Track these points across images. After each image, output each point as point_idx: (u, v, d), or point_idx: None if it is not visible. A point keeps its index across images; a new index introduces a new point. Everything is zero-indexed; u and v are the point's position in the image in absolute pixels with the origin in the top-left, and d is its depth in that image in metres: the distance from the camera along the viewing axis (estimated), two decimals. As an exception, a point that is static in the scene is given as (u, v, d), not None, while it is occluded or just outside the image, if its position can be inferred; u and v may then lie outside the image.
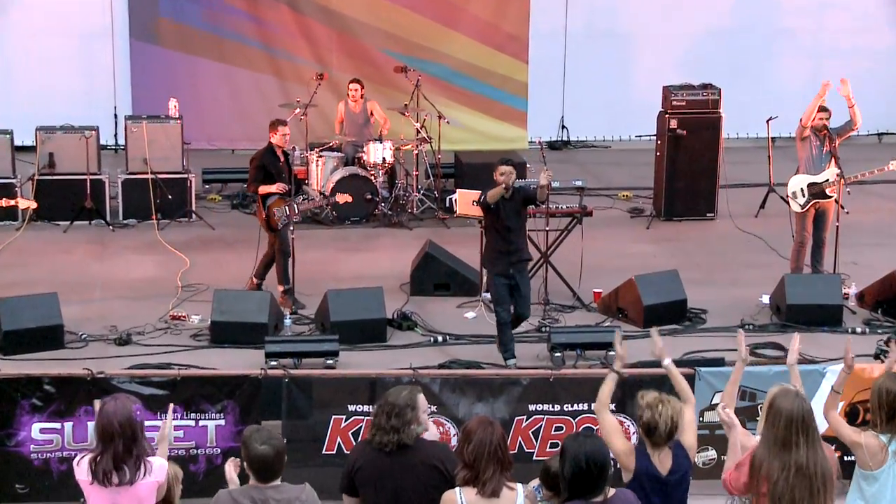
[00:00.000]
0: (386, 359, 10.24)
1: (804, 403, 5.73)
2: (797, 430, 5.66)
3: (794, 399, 5.72)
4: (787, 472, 5.65)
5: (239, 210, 14.42)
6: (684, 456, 5.99)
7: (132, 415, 5.77)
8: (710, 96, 13.99)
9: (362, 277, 11.97)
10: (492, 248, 9.98)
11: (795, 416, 5.67)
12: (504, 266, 9.85)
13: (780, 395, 5.78)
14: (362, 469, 6.02)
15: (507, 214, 9.81)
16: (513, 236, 9.83)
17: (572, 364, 10.10)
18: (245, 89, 16.40)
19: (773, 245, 12.99)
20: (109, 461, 5.74)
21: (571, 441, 5.67)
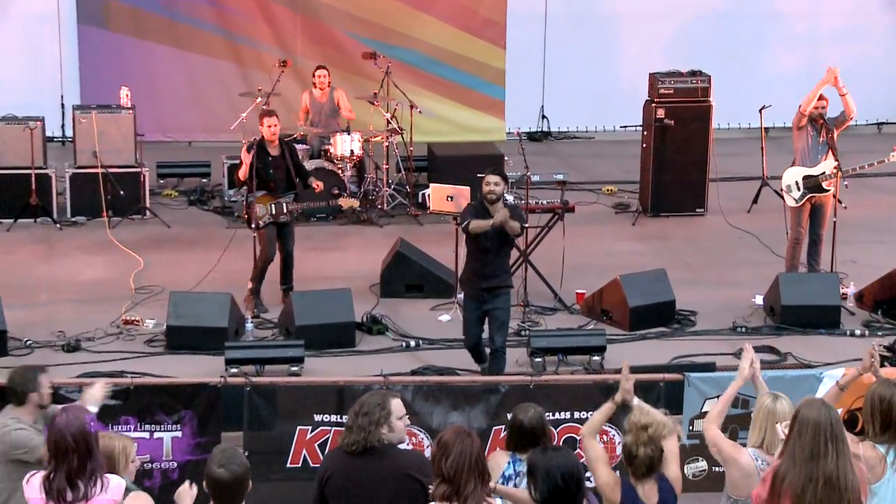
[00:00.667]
0: (355, 365, 10.23)
1: (832, 412, 5.72)
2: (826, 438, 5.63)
3: (820, 407, 5.72)
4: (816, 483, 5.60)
5: (197, 206, 14.38)
6: (669, 490, 6.01)
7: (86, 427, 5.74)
8: (699, 84, 14.05)
9: (329, 278, 11.96)
10: (468, 267, 9.85)
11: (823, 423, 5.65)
12: (475, 290, 9.65)
13: (806, 405, 5.78)
14: (332, 477, 6.04)
15: (488, 233, 9.56)
16: (489, 258, 9.60)
17: (553, 370, 10.12)
18: (202, 77, 16.35)
19: (767, 242, 13.06)
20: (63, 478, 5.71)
21: (539, 457, 5.68)
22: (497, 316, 9.71)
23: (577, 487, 5.57)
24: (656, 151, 14.02)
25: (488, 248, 9.57)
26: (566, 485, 5.54)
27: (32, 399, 6.86)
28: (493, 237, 9.56)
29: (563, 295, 11.56)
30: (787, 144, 12.61)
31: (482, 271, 9.60)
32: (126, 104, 14.10)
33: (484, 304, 9.65)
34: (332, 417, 8.59)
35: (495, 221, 9.44)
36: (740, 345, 10.54)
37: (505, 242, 9.65)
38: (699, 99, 14.05)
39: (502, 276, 9.74)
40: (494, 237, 9.57)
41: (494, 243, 9.58)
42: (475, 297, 9.67)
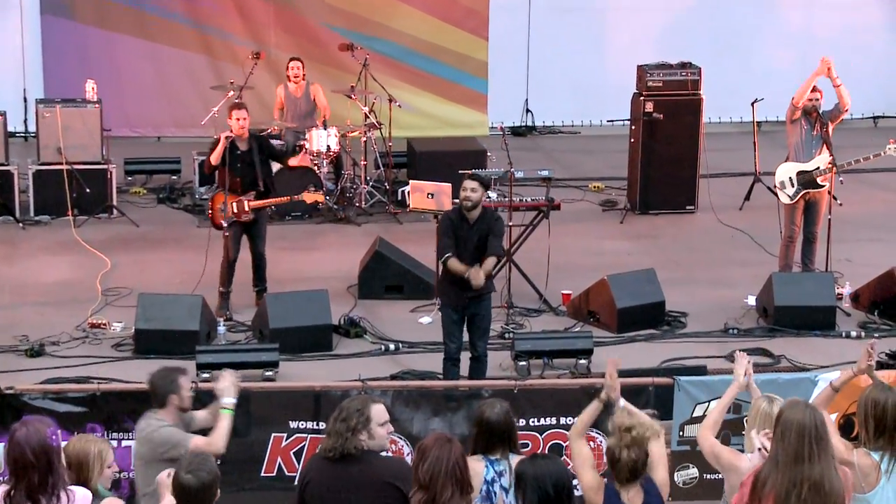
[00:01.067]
0: (332, 370, 10.22)
1: (816, 414, 5.73)
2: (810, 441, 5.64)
3: (804, 410, 5.73)
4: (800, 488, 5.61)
5: (166, 205, 14.35)
6: (656, 494, 6.02)
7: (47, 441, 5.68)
8: (689, 76, 14.08)
9: (305, 279, 11.94)
10: (442, 274, 9.79)
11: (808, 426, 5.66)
12: (456, 298, 9.60)
13: (790, 406, 5.79)
14: (311, 483, 6.04)
15: (465, 242, 9.52)
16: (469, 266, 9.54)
17: (539, 374, 10.13)
18: (172, 70, 16.31)
19: (760, 241, 13.10)
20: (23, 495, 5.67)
21: (528, 466, 5.68)
22: (479, 322, 9.68)
23: (568, 496, 5.58)
24: (645, 146, 14.05)
25: (465, 259, 9.52)
26: (557, 494, 5.55)
27: (173, 401, 6.92)
28: (472, 250, 9.51)
29: (548, 296, 11.57)
30: (781, 139, 12.66)
31: (459, 280, 9.53)
32: (92, 98, 14.06)
33: (464, 309, 9.61)
34: (308, 424, 8.57)
35: (473, 281, 9.39)
36: (732, 347, 10.59)
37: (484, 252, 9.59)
38: (689, 92, 14.08)
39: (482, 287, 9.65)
40: (474, 250, 9.52)
41: (474, 255, 9.53)
42: (453, 306, 9.62)
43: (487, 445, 6.37)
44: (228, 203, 11.05)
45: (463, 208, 9.53)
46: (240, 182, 11.12)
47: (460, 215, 9.57)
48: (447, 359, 9.75)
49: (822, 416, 5.76)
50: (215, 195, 11.29)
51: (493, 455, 6.35)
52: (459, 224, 9.55)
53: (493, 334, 10.77)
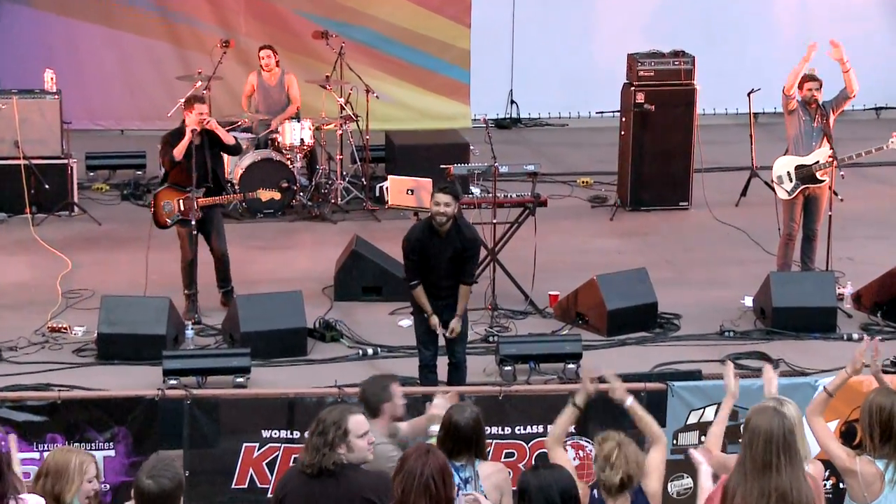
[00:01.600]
0: (306, 375, 10.21)
1: (785, 421, 5.74)
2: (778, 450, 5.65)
3: (772, 416, 5.74)
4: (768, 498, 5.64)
5: (130, 201, 14.32)
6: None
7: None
8: (682, 65, 14.10)
9: (278, 280, 11.93)
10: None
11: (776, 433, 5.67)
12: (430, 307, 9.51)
13: (756, 412, 5.81)
14: (287, 497, 6.03)
15: (436, 258, 9.40)
16: (443, 282, 9.48)
17: (525, 379, 10.14)
18: (136, 59, 16.27)
19: (757, 238, 13.13)
20: None
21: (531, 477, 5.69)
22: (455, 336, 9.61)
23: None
24: (636, 139, 14.07)
25: (439, 271, 9.43)
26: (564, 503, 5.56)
27: (386, 410, 6.91)
28: (444, 266, 9.40)
29: (534, 297, 11.58)
30: (779, 131, 12.68)
31: (437, 294, 9.47)
32: (51, 88, 14.01)
33: (440, 316, 9.54)
34: (281, 433, 8.55)
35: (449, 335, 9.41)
36: (728, 351, 10.61)
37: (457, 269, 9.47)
38: (682, 82, 14.10)
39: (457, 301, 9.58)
40: (446, 267, 9.40)
41: (447, 272, 9.43)
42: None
43: (453, 450, 6.37)
44: (175, 200, 11.02)
45: (435, 224, 9.36)
46: (189, 177, 11.04)
47: (430, 230, 9.40)
48: (423, 366, 9.72)
49: (791, 423, 5.77)
50: (159, 192, 11.24)
51: (458, 461, 6.36)
52: (429, 241, 9.38)
53: (476, 337, 10.79)
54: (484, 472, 6.43)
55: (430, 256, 9.43)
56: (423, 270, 9.46)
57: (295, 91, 14.36)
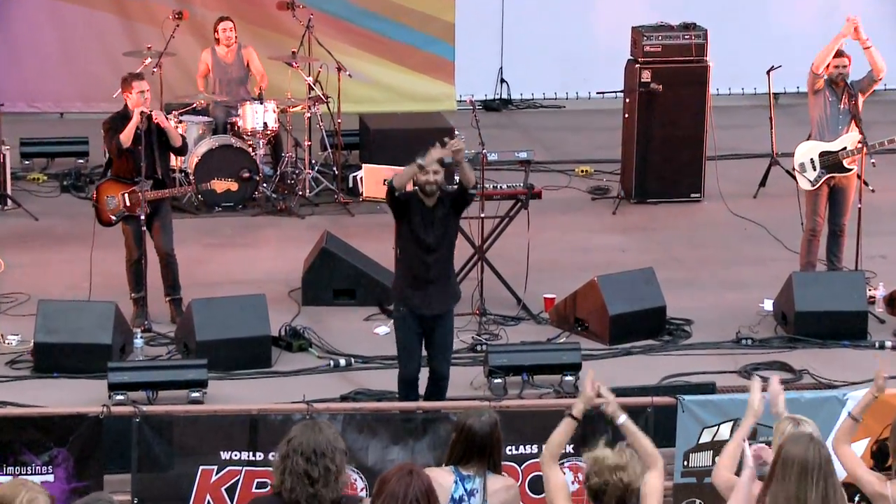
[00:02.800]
0: (271, 390, 10.20)
1: (822, 449, 5.80)
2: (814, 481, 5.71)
3: (808, 444, 5.80)
4: None
5: (71, 193, 14.29)
6: None
7: None
8: (693, 40, 14.11)
9: (238, 282, 11.91)
10: (402, 272, 9.71)
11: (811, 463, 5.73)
12: (417, 301, 9.51)
13: (791, 440, 5.87)
14: None
15: (427, 225, 9.46)
16: (433, 259, 9.50)
17: (516, 393, 10.14)
18: (77, 33, 16.22)
19: (777, 234, 13.15)
20: None
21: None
22: (441, 337, 9.62)
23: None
24: (641, 123, 14.08)
25: (430, 244, 9.46)
26: None
27: None
28: (438, 234, 9.47)
29: (527, 301, 11.58)
30: (802, 114, 12.70)
31: (425, 276, 9.48)
32: (-19, 66, 13.97)
33: (424, 320, 9.53)
34: (242, 455, 8.55)
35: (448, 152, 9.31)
36: (746, 361, 10.64)
37: (451, 236, 9.55)
38: (693, 58, 14.11)
39: (449, 283, 9.65)
40: (437, 228, 9.45)
41: (438, 238, 9.45)
42: (413, 311, 9.52)
43: (463, 456, 6.41)
44: (119, 195, 10.99)
45: (423, 194, 9.44)
46: (136, 168, 10.98)
47: (417, 199, 9.46)
48: (405, 381, 9.68)
49: (828, 452, 5.84)
50: (101, 184, 11.21)
51: (467, 470, 6.37)
52: (418, 205, 9.44)
53: (462, 346, 10.80)
54: (492, 487, 6.48)
55: (414, 227, 9.43)
56: (409, 236, 9.46)
57: (256, 64, 14.33)
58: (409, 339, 9.60)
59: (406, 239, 9.56)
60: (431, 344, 9.65)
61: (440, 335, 9.62)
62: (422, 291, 9.51)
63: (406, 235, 9.55)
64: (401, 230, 9.63)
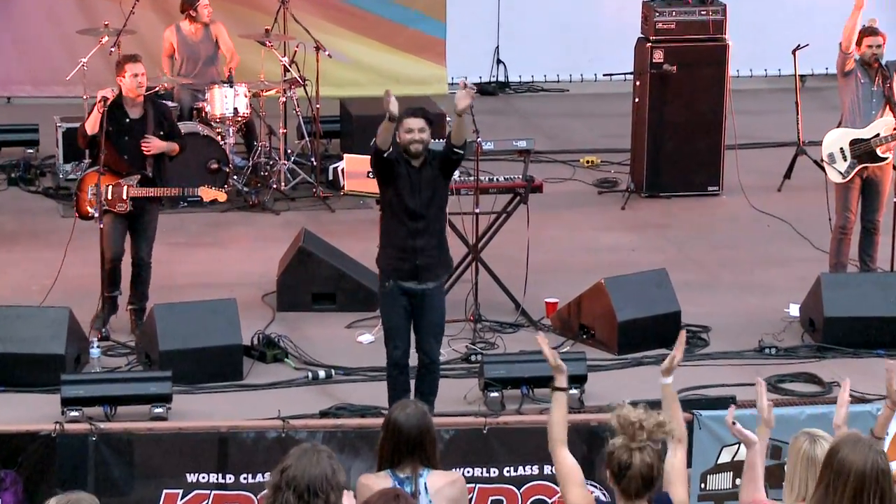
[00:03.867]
0: (242, 404, 10.21)
1: (880, 458, 5.70)
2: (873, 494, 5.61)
3: (867, 451, 5.70)
4: None
5: (20, 187, 14.27)
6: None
7: None
8: (710, 16, 14.12)
9: (206, 285, 11.91)
10: (387, 240, 9.75)
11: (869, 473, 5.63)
12: (403, 272, 9.60)
13: (847, 443, 5.75)
14: None
15: (414, 188, 9.56)
16: (421, 226, 9.58)
17: (515, 408, 10.15)
18: (26, 10, 16.19)
19: (804, 231, 13.17)
20: None
21: None
22: (430, 313, 9.66)
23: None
24: (653, 108, 14.09)
25: (416, 210, 9.49)
26: None
27: None
28: (422, 192, 9.49)
29: (527, 306, 11.59)
30: (832, 98, 12.72)
31: (412, 245, 9.53)
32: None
33: (412, 295, 9.57)
34: (210, 477, 8.56)
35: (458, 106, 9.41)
36: (770, 372, 10.65)
37: (440, 200, 9.60)
38: (711, 36, 14.12)
39: (439, 252, 9.68)
40: (424, 192, 9.49)
41: (425, 203, 9.50)
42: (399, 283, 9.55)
43: (394, 457, 6.44)
44: (103, 186, 10.98)
45: (408, 154, 9.51)
46: (123, 160, 11.00)
47: (404, 160, 9.53)
48: (396, 364, 9.73)
49: (887, 462, 5.74)
50: (87, 174, 11.22)
51: (402, 472, 6.39)
52: (404, 165, 9.49)
53: (455, 356, 10.80)
54: (434, 485, 6.49)
55: (400, 190, 9.47)
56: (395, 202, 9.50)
57: (226, 41, 14.29)
58: (396, 316, 9.66)
59: (391, 205, 9.63)
60: (420, 323, 9.70)
61: (429, 312, 9.67)
62: (409, 262, 9.58)
63: (391, 201, 9.61)
64: (385, 196, 9.68)
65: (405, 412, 6.49)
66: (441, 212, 9.76)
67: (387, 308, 9.73)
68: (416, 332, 9.73)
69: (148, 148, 10.99)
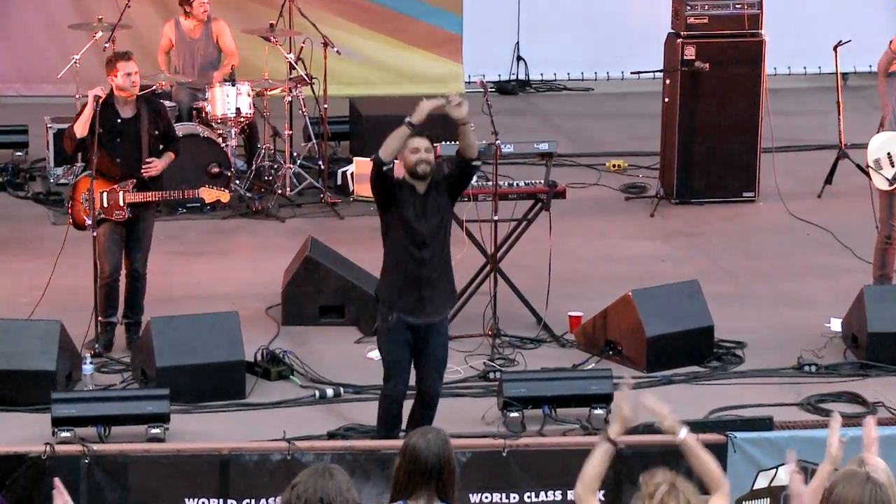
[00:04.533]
0: (245, 424, 10.21)
1: (880, 492, 5.80)
2: None
3: (863, 485, 5.80)
4: None
5: (8, 192, 14.30)
6: None
7: None
8: (746, 10, 14.11)
9: (207, 297, 11.92)
10: (391, 270, 9.70)
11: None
12: (407, 303, 9.54)
13: (843, 480, 5.87)
14: None
15: (419, 214, 9.49)
16: (427, 255, 9.52)
17: (537, 430, 10.15)
18: (16, 1, 16.24)
19: (846, 241, 13.15)
20: None
21: None
22: (430, 349, 9.64)
23: None
24: (684, 109, 14.08)
25: (424, 236, 9.46)
26: None
27: None
28: (433, 226, 9.48)
29: (549, 320, 11.59)
30: (876, 97, 12.69)
31: (417, 274, 9.50)
32: None
33: (415, 329, 9.56)
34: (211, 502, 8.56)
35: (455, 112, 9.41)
36: (809, 391, 10.62)
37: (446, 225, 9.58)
38: (746, 31, 14.12)
39: (446, 282, 9.67)
40: (431, 216, 9.47)
41: (432, 228, 9.48)
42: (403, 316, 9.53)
43: (409, 486, 6.41)
44: (97, 193, 10.99)
45: (414, 176, 9.48)
46: (117, 164, 11.01)
47: (408, 184, 9.52)
48: (395, 401, 9.71)
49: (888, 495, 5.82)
50: (80, 180, 11.22)
51: (416, 501, 6.38)
52: (409, 192, 9.48)
53: (473, 373, 10.79)
54: None
55: (406, 217, 9.44)
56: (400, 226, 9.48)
57: (228, 41, 14.31)
58: (400, 351, 9.63)
59: (396, 232, 9.57)
60: (424, 358, 9.68)
61: (434, 347, 9.66)
62: (414, 294, 9.55)
63: (396, 228, 9.56)
64: (389, 222, 9.62)
65: (425, 438, 6.45)
66: (447, 239, 9.71)
67: (389, 343, 9.69)
68: (419, 366, 9.70)
69: (148, 170, 10.98)
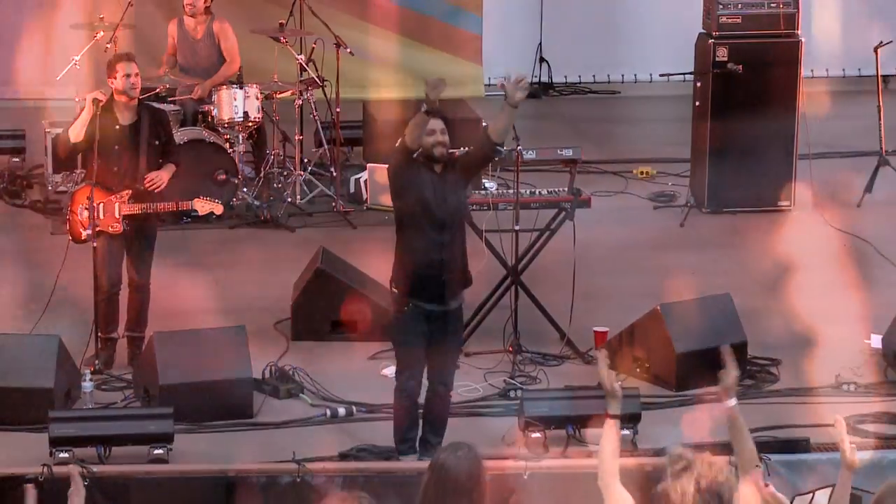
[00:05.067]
0: (252, 445, 10.21)
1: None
2: None
3: None
4: None
5: (4, 200, 14.33)
6: None
7: None
8: (781, 9, 14.11)
9: (213, 311, 11.91)
10: (409, 257, 9.77)
11: None
12: (427, 292, 9.64)
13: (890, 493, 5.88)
14: None
15: (438, 196, 9.58)
16: (447, 238, 9.64)
17: (560, 451, 10.14)
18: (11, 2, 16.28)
19: (888, 252, 13.15)
20: None
21: None
22: (444, 340, 9.71)
23: None
24: (716, 113, 14.08)
25: (443, 219, 9.55)
26: None
27: None
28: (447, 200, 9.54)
29: (573, 335, 11.59)
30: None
31: (439, 257, 9.57)
32: None
33: (432, 319, 9.62)
34: (217, 527, 8.58)
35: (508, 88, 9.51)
36: (848, 411, 10.59)
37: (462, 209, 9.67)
38: (781, 32, 14.11)
39: (461, 267, 9.72)
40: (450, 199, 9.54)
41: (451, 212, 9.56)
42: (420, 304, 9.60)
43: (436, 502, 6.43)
44: (95, 204, 11.01)
45: (430, 158, 9.59)
46: (113, 172, 11.01)
47: (426, 167, 9.62)
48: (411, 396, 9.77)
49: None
50: (78, 190, 11.23)
51: None
52: (427, 172, 9.58)
53: (492, 391, 10.78)
54: None
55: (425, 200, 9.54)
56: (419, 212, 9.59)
57: (230, 43, 14.30)
58: (417, 343, 9.71)
59: (414, 217, 9.67)
60: (440, 348, 9.75)
61: (451, 336, 9.77)
62: (433, 281, 9.63)
63: (414, 212, 9.65)
64: (406, 207, 9.71)
65: (455, 454, 6.50)
66: (463, 222, 9.87)
67: (405, 334, 9.78)
68: (431, 357, 9.78)
69: (153, 184, 11.00)
